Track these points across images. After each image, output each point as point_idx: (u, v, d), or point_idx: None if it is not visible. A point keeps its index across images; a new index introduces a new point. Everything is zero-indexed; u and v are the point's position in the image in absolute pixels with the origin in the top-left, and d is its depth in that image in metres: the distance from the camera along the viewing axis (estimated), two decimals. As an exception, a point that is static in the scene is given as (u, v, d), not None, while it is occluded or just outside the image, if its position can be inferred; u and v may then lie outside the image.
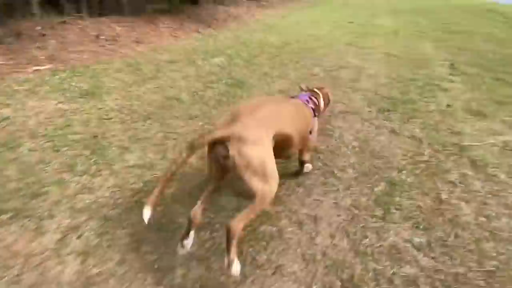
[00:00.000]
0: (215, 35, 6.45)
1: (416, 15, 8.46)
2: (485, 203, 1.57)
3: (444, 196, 1.63)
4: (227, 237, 1.01)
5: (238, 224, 1.01)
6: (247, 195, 1.08)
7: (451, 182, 1.73)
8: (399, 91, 3.06)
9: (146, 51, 4.82)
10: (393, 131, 2.31)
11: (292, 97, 1.67)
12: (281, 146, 1.22)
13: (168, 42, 5.62)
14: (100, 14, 6.67)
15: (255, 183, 1.02)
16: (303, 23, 7.98)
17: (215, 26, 7.67)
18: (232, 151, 1.00)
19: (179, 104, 2.85)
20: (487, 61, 4.04)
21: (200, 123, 2.51)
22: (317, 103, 1.66)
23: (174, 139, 2.26)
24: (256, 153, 1.01)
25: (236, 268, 1.03)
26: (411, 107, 2.71)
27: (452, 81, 3.33)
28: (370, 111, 2.67)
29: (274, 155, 1.11)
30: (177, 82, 3.43)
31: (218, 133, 1.04)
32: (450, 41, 5.26)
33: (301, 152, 1.59)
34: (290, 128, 1.27)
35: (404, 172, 1.83)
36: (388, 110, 2.65)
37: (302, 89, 1.79)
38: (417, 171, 1.83)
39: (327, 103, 1.81)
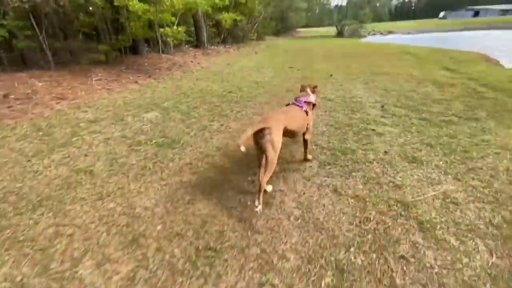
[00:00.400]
0: (155, 86, 6.15)
1: (347, 59, 9.42)
2: (443, 285, 1.35)
3: (398, 280, 1.38)
4: (258, 187, 1.89)
5: (262, 178, 1.81)
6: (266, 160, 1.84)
7: (403, 257, 1.51)
8: (338, 140, 3.01)
9: (66, 110, 4.22)
10: (335, 191, 2.11)
11: (294, 101, 2.49)
12: (290, 133, 2.18)
13: (98, 97, 5.10)
14: (18, 69, 5.96)
15: (270, 152, 1.85)
16: (246, 69, 8.22)
17: (157, 75, 7.42)
18: (266, 136, 1.85)
19: (90, 179, 2.33)
20: (411, 101, 4.39)
21: (112, 205, 2.01)
22: (311, 103, 2.55)
23: (69, 235, 1.72)
24: (275, 137, 1.87)
25: (259, 208, 1.88)
26: (351, 157, 2.61)
27: (385, 124, 3.43)
28: (311, 166, 2.49)
29: (288, 136, 2.20)
30: (95, 148, 2.91)
31: (260, 125, 1.86)
32: (377, 83, 5.74)
33: (303, 135, 2.45)
34: (294, 125, 2.18)
35: (352, 249, 1.56)
36: (329, 164, 2.51)
37: (304, 88, 2.74)
38: (366, 247, 1.58)
39: (318, 95, 3.02)
